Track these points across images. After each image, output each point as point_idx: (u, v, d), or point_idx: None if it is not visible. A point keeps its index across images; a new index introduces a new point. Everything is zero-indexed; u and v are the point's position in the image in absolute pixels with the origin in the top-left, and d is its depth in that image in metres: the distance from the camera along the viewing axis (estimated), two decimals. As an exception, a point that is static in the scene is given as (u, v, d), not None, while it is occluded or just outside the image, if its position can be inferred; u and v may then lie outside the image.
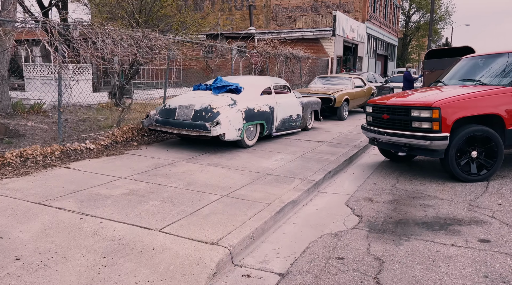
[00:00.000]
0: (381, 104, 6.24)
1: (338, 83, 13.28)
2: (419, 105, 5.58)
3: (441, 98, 5.55)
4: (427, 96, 5.85)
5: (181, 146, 7.49)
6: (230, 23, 28.90)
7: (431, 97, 5.71)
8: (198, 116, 6.95)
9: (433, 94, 5.91)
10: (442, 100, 5.50)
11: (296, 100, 9.10)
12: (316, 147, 7.79)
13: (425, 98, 5.73)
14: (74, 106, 11.00)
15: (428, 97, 5.76)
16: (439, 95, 5.75)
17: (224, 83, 7.55)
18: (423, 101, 5.63)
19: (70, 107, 10.79)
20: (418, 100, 5.74)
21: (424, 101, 5.62)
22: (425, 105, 5.51)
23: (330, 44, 20.61)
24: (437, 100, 5.49)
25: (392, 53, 40.98)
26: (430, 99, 5.60)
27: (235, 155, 6.90)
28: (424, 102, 5.57)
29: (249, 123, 7.31)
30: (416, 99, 5.78)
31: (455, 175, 5.60)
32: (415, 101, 5.73)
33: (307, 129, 9.91)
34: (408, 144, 5.81)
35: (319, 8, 27.11)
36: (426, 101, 5.56)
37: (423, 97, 5.84)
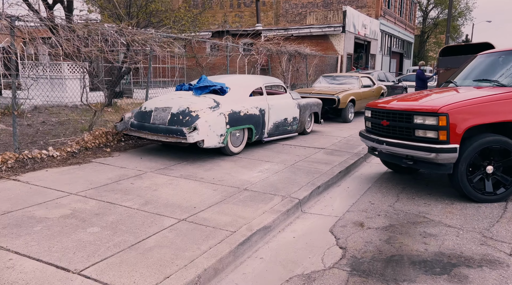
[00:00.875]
0: (380, 108, 5.38)
1: (344, 82, 12.38)
2: (423, 111, 4.71)
3: (449, 102, 4.66)
4: (433, 100, 4.97)
5: (159, 153, 6.76)
6: (239, 20, 28.13)
7: (438, 101, 4.83)
8: (174, 120, 6.20)
9: (441, 97, 5.02)
10: (450, 104, 4.62)
11: (292, 101, 8.28)
12: (311, 155, 6.97)
13: (431, 102, 4.85)
14: (59, 106, 10.41)
15: (434, 101, 4.88)
16: (448, 98, 4.86)
17: (207, 83, 6.79)
18: (428, 105, 4.75)
19: (54, 107, 10.19)
20: (422, 104, 4.87)
21: (429, 105, 4.75)
22: (430, 110, 4.64)
23: (340, 41, 19.63)
24: (445, 105, 4.61)
25: (408, 51, 39.58)
26: (436, 103, 4.72)
27: (215, 164, 6.14)
28: (429, 107, 4.70)
29: (234, 128, 6.54)
30: (420, 103, 4.91)
31: (466, 194, 4.72)
32: (418, 105, 4.86)
33: (305, 133, 9.07)
34: (410, 156, 4.95)
35: (330, 4, 26.10)
36: (432, 106, 4.69)
37: (428, 101, 4.96)
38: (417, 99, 5.26)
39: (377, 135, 5.48)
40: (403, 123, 4.95)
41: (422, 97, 5.31)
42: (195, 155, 6.69)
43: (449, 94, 5.18)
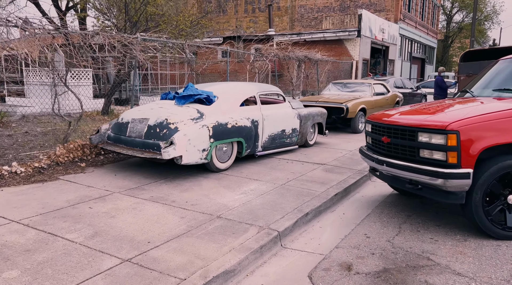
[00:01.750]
0: (381, 122, 4.60)
1: (356, 89, 11.56)
2: (429, 127, 3.92)
3: (461, 117, 3.86)
4: (442, 113, 4.16)
5: (138, 168, 6.14)
6: (253, 26, 27.58)
7: (448, 115, 4.02)
8: (151, 133, 5.57)
9: (452, 110, 4.21)
10: (463, 119, 3.81)
11: (292, 111, 7.54)
12: (307, 172, 6.21)
13: (439, 116, 4.05)
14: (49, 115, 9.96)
15: (443, 115, 4.07)
16: (460, 112, 4.05)
17: (192, 91, 6.14)
18: (435, 120, 3.96)
19: (46, 116, 9.77)
20: (428, 119, 4.07)
21: (436, 120, 3.95)
22: (437, 126, 3.84)
23: (355, 46, 18.76)
24: (456, 120, 3.81)
25: (431, 56, 38.18)
26: (445, 118, 3.92)
27: (196, 183, 5.46)
28: (436, 123, 3.90)
29: (220, 141, 5.86)
30: (426, 118, 4.11)
31: (483, 229, 3.88)
32: (424, 120, 4.06)
33: (308, 146, 8.31)
34: (414, 181, 4.15)
35: (347, 8, 25.25)
36: (439, 121, 3.89)
37: (436, 115, 4.15)
38: (424, 112, 4.45)
39: (377, 154, 4.70)
40: (406, 141, 4.16)
41: (430, 110, 4.50)
42: (178, 171, 6.04)
43: (463, 107, 4.36)
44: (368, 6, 24.80)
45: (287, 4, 26.71)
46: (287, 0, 26.71)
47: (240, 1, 28.25)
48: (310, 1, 26.13)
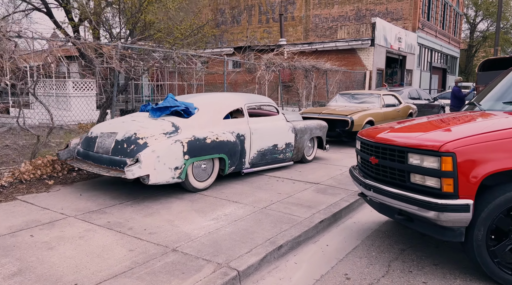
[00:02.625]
0: (368, 140, 3.94)
1: (364, 100, 10.84)
2: (419, 147, 3.24)
3: (460, 136, 3.17)
4: (438, 130, 3.47)
5: (108, 187, 5.63)
6: (267, 36, 27.17)
7: (444, 133, 3.34)
8: (118, 148, 5.05)
9: (451, 127, 3.52)
10: (462, 138, 3.12)
11: (286, 124, 6.92)
12: (296, 193, 5.56)
13: (433, 135, 3.36)
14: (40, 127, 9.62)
15: (438, 133, 3.38)
16: (461, 129, 3.36)
17: (169, 103, 5.61)
18: (427, 139, 3.27)
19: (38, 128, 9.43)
20: (420, 137, 3.38)
21: (428, 139, 3.27)
22: (429, 146, 3.17)
23: (369, 55, 18.00)
24: (452, 139, 3.12)
25: (453, 66, 36.89)
26: (439, 137, 3.24)
27: (166, 205, 4.89)
28: (427, 142, 3.22)
29: (197, 158, 5.29)
30: (418, 136, 3.43)
31: (487, 273, 3.15)
32: (415, 139, 3.38)
33: (305, 161, 7.65)
34: (404, 212, 3.47)
35: (363, 17, 24.54)
36: (432, 140, 3.21)
37: (431, 132, 3.46)
38: (417, 128, 3.77)
39: (365, 176, 4.03)
40: (395, 163, 3.49)
41: (425, 126, 3.81)
42: (151, 191, 5.49)
43: (466, 122, 3.66)
44: (384, 14, 24.04)
45: (301, 14, 26.21)
46: (301, 10, 26.23)
47: (254, 11, 27.95)
48: (325, 10, 25.57)
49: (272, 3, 27.14)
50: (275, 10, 26.76)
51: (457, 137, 3.15)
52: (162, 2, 11.58)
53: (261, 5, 27.57)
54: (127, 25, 9.45)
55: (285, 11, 26.55)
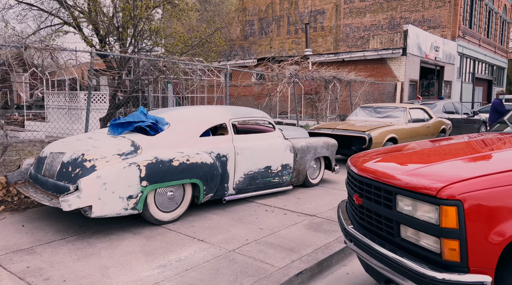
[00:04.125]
0: (352, 170, 2.91)
1: (388, 115, 9.62)
2: (411, 188, 2.18)
3: (471, 174, 2.08)
4: (441, 163, 2.37)
5: (62, 217, 4.84)
6: (296, 47, 26.26)
7: (449, 167, 2.25)
8: (63, 172, 4.25)
9: (463, 158, 2.41)
10: (473, 179, 2.03)
11: (282, 142, 5.92)
12: (282, 229, 4.54)
13: (432, 168, 2.28)
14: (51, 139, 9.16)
15: (440, 167, 2.29)
16: (475, 163, 2.26)
17: (134, 117, 4.78)
18: (423, 175, 2.21)
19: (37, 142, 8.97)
20: (413, 171, 2.31)
21: (425, 175, 2.20)
22: (423, 188, 2.10)
23: (400, 65, 16.60)
24: (459, 179, 2.05)
25: (500, 77, 34.27)
26: (440, 173, 2.16)
27: (113, 243, 4.02)
28: (423, 180, 2.16)
29: (161, 184, 4.40)
30: (410, 170, 2.35)
31: None
32: (406, 173, 2.32)
33: (309, 185, 6.59)
34: (393, 283, 2.39)
35: (397, 25, 23.11)
36: (429, 177, 2.15)
37: (430, 165, 2.37)
38: (417, 157, 2.68)
39: (349, 219, 2.98)
40: (381, 207, 2.43)
41: (429, 155, 2.72)
42: (109, 222, 4.65)
43: (487, 152, 2.54)
44: (421, 22, 22.50)
45: (331, 24, 25.13)
46: (331, 20, 25.17)
47: (282, 22, 27.19)
48: (356, 19, 24.36)
49: (301, 13, 26.28)
50: (304, 21, 25.87)
51: (467, 176, 2.06)
52: (182, 11, 11.04)
53: (290, 15, 26.77)
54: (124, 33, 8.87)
55: (315, 21, 25.58)
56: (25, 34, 14.09)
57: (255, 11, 28.25)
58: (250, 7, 28.50)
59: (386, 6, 23.44)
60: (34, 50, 4.94)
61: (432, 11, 22.30)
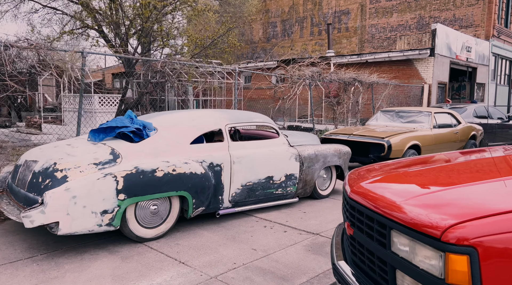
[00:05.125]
0: (345, 192, 2.35)
1: (410, 120, 8.87)
2: (408, 223, 1.59)
3: (493, 209, 1.47)
4: (452, 188, 1.77)
5: (39, 231, 4.46)
6: (319, 49, 25.56)
7: (464, 197, 1.65)
8: (33, 183, 3.86)
9: (485, 184, 1.80)
10: (493, 216, 1.43)
11: (287, 150, 5.37)
12: (278, 250, 3.98)
13: (440, 197, 1.68)
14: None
15: (450, 194, 1.69)
16: (502, 187, 1.65)
17: (117, 122, 4.35)
18: (426, 205, 1.61)
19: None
20: (413, 201, 1.72)
21: (428, 205, 1.60)
22: (424, 226, 1.51)
23: (428, 66, 15.64)
24: (474, 216, 1.44)
25: (538, 79, 32.28)
26: (450, 206, 1.56)
27: (84, 263, 3.58)
28: (424, 212, 1.56)
29: (142, 198, 3.94)
30: (411, 198, 1.76)
31: None
32: (405, 202, 1.73)
33: (318, 197, 6.00)
34: None
35: (426, 25, 22.04)
36: (433, 209, 1.55)
37: (438, 191, 1.78)
38: (426, 178, 2.08)
39: (341, 251, 2.41)
40: (373, 243, 1.86)
41: (436, 176, 2.11)
42: (86, 238, 4.23)
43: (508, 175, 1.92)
44: (451, 21, 21.36)
45: (356, 24, 24.30)
46: (356, 20, 24.33)
47: (306, 23, 26.56)
48: (383, 19, 23.43)
49: (325, 14, 25.56)
50: (328, 21, 25.14)
51: (490, 209, 1.46)
52: (200, 12, 10.70)
53: (313, 16, 26.10)
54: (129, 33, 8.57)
55: (339, 22, 24.81)
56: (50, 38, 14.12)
57: (278, 13, 27.75)
58: (273, 9, 28.02)
59: (415, 5, 22.42)
60: (16, 49, 4.62)
61: (464, 9, 21.13)
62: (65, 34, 13.34)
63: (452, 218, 1.48)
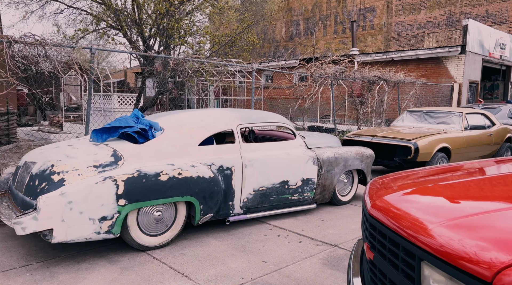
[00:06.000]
0: (365, 207, 1.96)
1: (440, 121, 8.31)
2: (445, 256, 1.20)
3: None
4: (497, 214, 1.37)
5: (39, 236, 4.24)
6: (343, 47, 24.94)
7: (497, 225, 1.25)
8: (30, 186, 3.63)
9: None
10: None
11: (304, 152, 4.99)
12: (289, 264, 3.62)
13: (489, 221, 1.28)
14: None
15: (501, 217, 1.29)
16: None
17: (121, 122, 4.08)
18: (469, 235, 1.22)
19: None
20: (454, 224, 1.32)
21: (471, 236, 1.21)
22: (468, 260, 1.12)
23: (458, 65, 14.85)
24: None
25: None
26: (505, 236, 1.16)
27: (80, 274, 3.32)
28: (468, 245, 1.17)
29: (144, 203, 3.66)
30: (451, 219, 1.37)
31: None
32: (441, 226, 1.34)
33: (338, 203, 5.59)
34: None
35: (456, 22, 21.12)
36: (480, 245, 1.15)
37: (492, 212, 1.38)
38: (468, 191, 1.68)
39: (359, 273, 2.04)
40: (398, 275, 1.47)
41: (488, 188, 1.70)
42: (88, 245, 3.98)
43: None
44: (484, 18, 20.38)
45: (382, 22, 23.55)
46: (382, 17, 23.59)
47: (329, 21, 25.97)
48: (410, 16, 22.61)
49: (349, 11, 24.91)
50: (352, 19, 24.48)
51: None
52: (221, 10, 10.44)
53: (337, 14, 25.48)
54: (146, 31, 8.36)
55: (364, 20, 24.12)
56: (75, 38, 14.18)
57: (301, 11, 27.27)
58: (296, 7, 27.56)
59: (444, 1, 21.54)
60: (22, 44, 4.44)
61: (498, 4, 20.12)
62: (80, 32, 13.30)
63: (509, 255, 1.10)
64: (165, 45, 8.80)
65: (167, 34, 8.34)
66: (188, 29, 8.61)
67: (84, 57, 11.75)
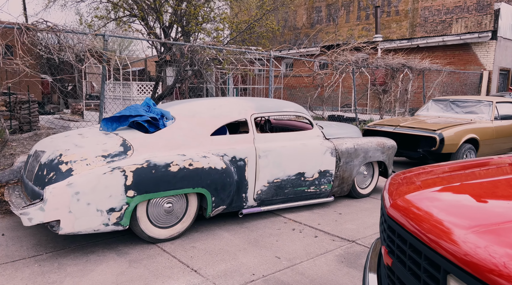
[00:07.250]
0: (384, 206, 1.77)
1: (468, 110, 7.91)
2: (474, 270, 1.00)
3: None
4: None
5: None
6: (366, 34, 24.26)
7: None
8: (39, 175, 3.56)
9: None
10: None
11: (322, 143, 4.78)
12: (304, 260, 3.45)
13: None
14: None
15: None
16: None
17: (131, 111, 3.96)
18: (503, 243, 1.01)
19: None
20: (486, 231, 1.12)
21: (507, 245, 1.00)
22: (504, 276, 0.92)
23: (488, 51, 14.14)
24: None
25: None
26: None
27: (88, 267, 3.25)
28: (503, 255, 0.97)
29: (154, 195, 3.54)
30: (482, 225, 1.16)
31: None
32: (471, 232, 1.13)
33: (357, 196, 5.38)
34: None
35: (487, 6, 20.15)
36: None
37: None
38: (489, 195, 1.46)
39: (375, 276, 1.85)
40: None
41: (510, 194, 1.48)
42: (95, 236, 3.92)
43: None
44: (516, 2, 19.35)
45: (408, 7, 22.72)
46: (407, 3, 22.76)
47: (352, 8, 25.26)
48: (437, 1, 21.71)
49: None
50: (376, 4, 23.73)
51: None
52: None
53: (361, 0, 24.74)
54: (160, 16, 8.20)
55: (388, 5, 23.34)
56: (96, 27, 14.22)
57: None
58: (318, -7, 26.90)
59: (474, -16, 20.55)
60: (33, 31, 4.37)
61: (532, -12, 19.05)
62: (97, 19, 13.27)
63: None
64: (182, 32, 8.65)
65: (185, 20, 8.17)
66: (205, 15, 8.42)
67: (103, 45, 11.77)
